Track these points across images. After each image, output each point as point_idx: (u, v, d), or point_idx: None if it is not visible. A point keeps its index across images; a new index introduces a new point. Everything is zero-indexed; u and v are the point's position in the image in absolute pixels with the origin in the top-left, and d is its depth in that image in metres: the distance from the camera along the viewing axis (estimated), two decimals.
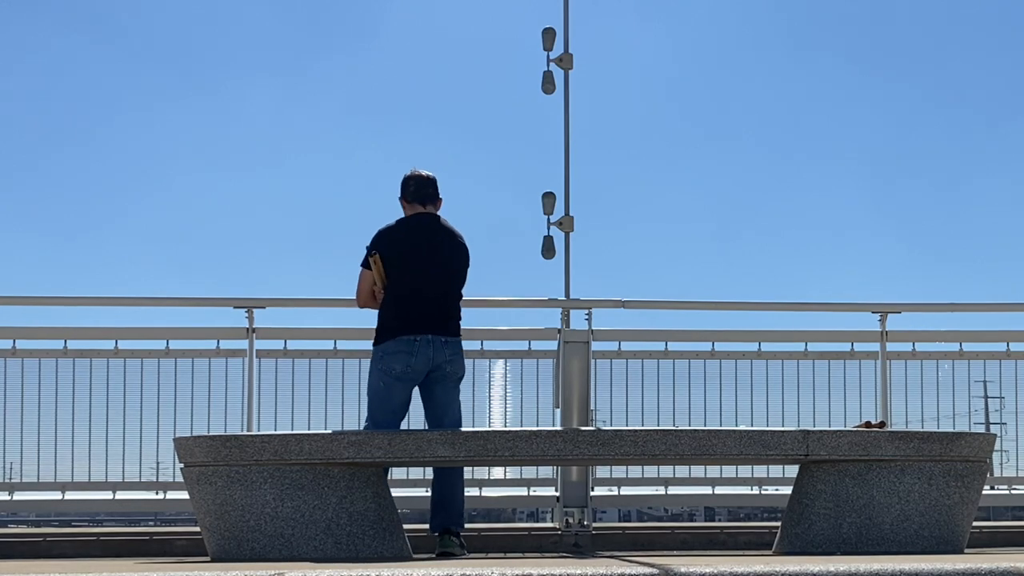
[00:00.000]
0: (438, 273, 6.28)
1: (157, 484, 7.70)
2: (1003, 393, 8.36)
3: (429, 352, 6.19)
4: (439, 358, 6.21)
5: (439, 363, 6.22)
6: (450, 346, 6.26)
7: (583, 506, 7.49)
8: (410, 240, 6.31)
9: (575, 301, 8.01)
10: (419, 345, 6.18)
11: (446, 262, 6.33)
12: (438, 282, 6.28)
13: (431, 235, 6.33)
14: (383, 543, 5.30)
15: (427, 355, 6.18)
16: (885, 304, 8.07)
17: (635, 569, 3.72)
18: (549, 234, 9.48)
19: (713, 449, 5.35)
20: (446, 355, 6.23)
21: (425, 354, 6.18)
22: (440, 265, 6.30)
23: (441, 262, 6.31)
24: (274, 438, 5.28)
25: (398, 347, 6.19)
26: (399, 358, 6.18)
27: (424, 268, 6.25)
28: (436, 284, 6.27)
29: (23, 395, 7.61)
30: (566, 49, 9.51)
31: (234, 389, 7.64)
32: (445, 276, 6.31)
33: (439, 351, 6.21)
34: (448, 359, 6.23)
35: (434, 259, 6.29)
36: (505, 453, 5.29)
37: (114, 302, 8.04)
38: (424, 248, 6.29)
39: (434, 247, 6.30)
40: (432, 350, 6.19)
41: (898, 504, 5.39)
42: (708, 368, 7.96)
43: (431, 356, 6.19)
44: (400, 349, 6.18)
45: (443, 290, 6.30)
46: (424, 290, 6.23)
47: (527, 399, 7.85)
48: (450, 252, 6.35)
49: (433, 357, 6.20)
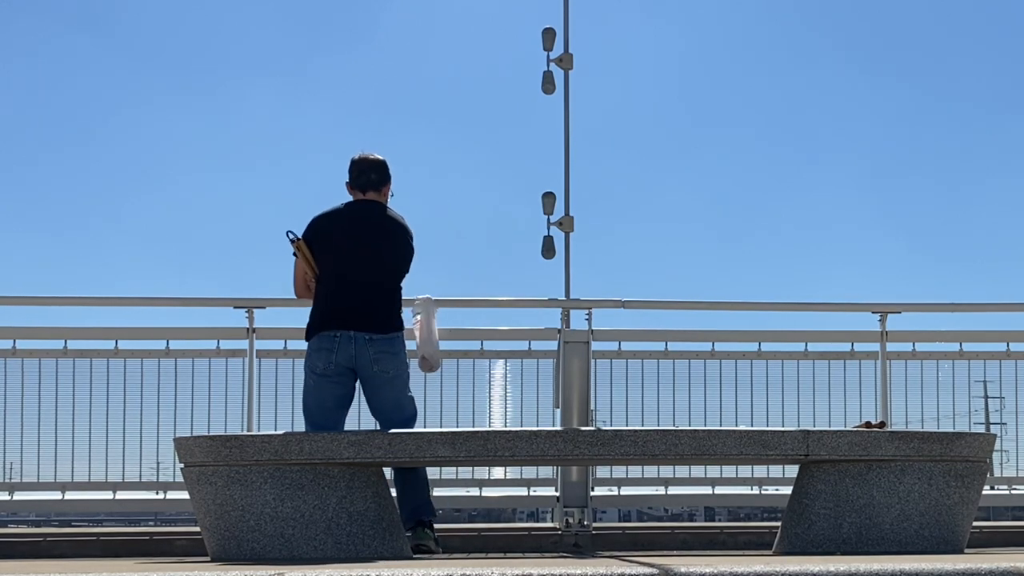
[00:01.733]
0: (367, 265, 6.04)
1: (157, 484, 7.71)
2: (1003, 393, 8.37)
3: (351, 349, 5.97)
4: (362, 357, 5.99)
5: (363, 362, 6.00)
6: (376, 343, 6.01)
7: (583, 506, 7.49)
8: (340, 229, 6.07)
9: (575, 301, 8.00)
10: (340, 342, 5.97)
11: (377, 254, 6.08)
12: (368, 274, 6.03)
13: (364, 225, 6.09)
14: (383, 543, 5.30)
15: (348, 352, 5.97)
16: (885, 304, 8.07)
17: (635, 569, 3.72)
18: (549, 234, 9.51)
19: (713, 449, 5.35)
20: (370, 353, 6.00)
21: (347, 351, 5.97)
22: (370, 257, 6.05)
23: (371, 254, 6.06)
24: (274, 438, 5.27)
25: (320, 344, 6.00)
26: (321, 355, 6.00)
27: (351, 259, 6.02)
28: (366, 276, 6.03)
29: (23, 395, 7.62)
30: (566, 49, 9.53)
31: (234, 389, 7.64)
32: (377, 268, 6.06)
33: (362, 349, 5.98)
34: (373, 357, 6.01)
35: (363, 250, 6.05)
36: (505, 453, 5.28)
37: (114, 302, 8.04)
38: (354, 238, 6.05)
39: (365, 237, 6.07)
40: (354, 347, 5.98)
41: (898, 504, 5.39)
42: (708, 368, 7.96)
43: (353, 354, 5.98)
44: (322, 346, 5.99)
45: (374, 283, 6.05)
46: (353, 282, 6.00)
47: (527, 399, 7.86)
48: (385, 243, 6.10)
49: (356, 355, 5.98)
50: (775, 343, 8.08)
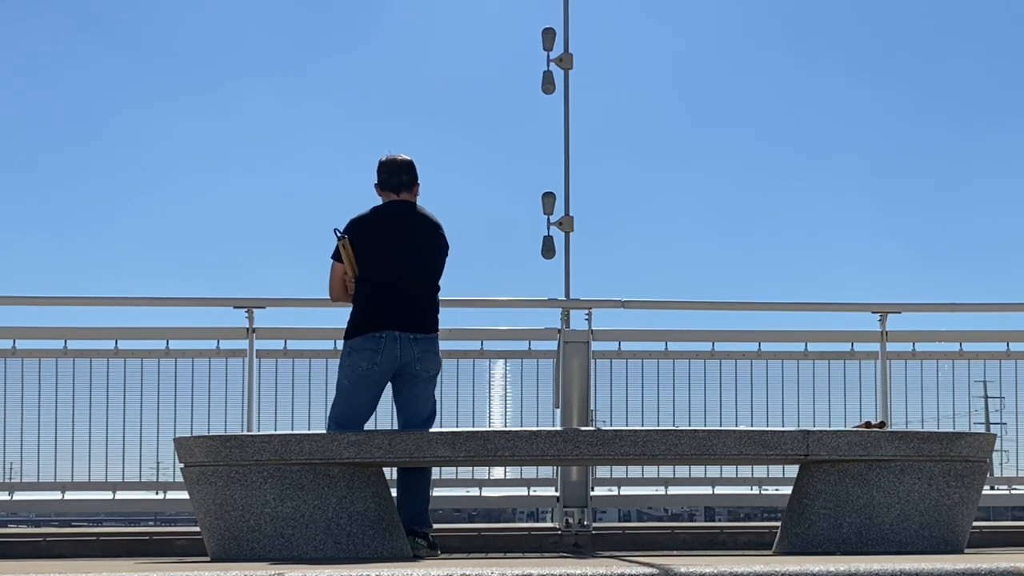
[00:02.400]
0: (410, 265, 6.08)
1: (157, 484, 7.71)
2: (1003, 393, 8.36)
3: (396, 350, 6.00)
4: (407, 356, 6.02)
5: (407, 361, 6.03)
6: (420, 343, 6.05)
7: (583, 506, 7.48)
8: (382, 230, 6.10)
9: (575, 301, 8.00)
10: (386, 342, 5.99)
11: (419, 254, 6.12)
12: (410, 275, 6.08)
13: (404, 225, 6.13)
14: (383, 543, 5.30)
15: (394, 353, 6.00)
16: (885, 304, 8.07)
17: (635, 569, 3.72)
18: (549, 234, 9.47)
19: (713, 449, 5.35)
20: (415, 353, 6.03)
21: (392, 352, 6.00)
22: (413, 257, 6.10)
23: (414, 254, 6.10)
24: (274, 438, 5.28)
25: (365, 344, 6.01)
26: (365, 355, 6.00)
27: (395, 260, 6.06)
28: (408, 277, 6.07)
29: (23, 395, 7.62)
30: (566, 49, 9.51)
31: (234, 389, 7.64)
32: (418, 268, 6.11)
33: (407, 349, 6.02)
34: (417, 356, 6.04)
35: (406, 250, 6.09)
36: (505, 453, 5.28)
37: (114, 302, 8.04)
38: (396, 239, 6.08)
39: (407, 238, 6.10)
40: (399, 347, 6.00)
41: (898, 504, 5.39)
42: (708, 368, 7.96)
43: (398, 354, 6.00)
44: (367, 346, 6.00)
45: (415, 283, 6.10)
46: (395, 283, 6.04)
47: (527, 399, 7.86)
48: (424, 243, 6.15)
49: (400, 355, 6.01)
50: (775, 343, 8.08)
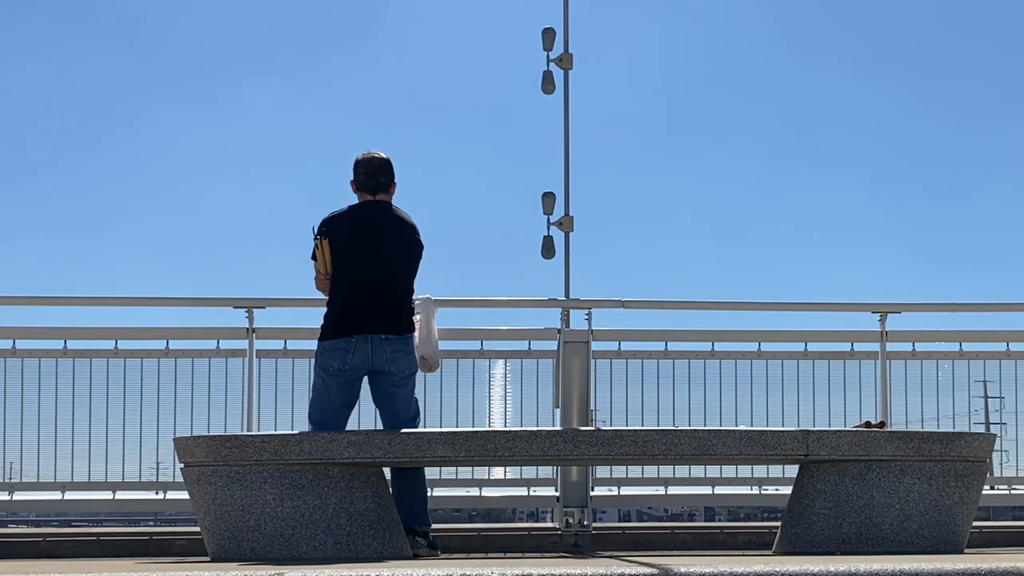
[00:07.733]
0: (382, 267, 6.09)
1: (157, 484, 7.70)
2: (1003, 393, 8.37)
3: (367, 350, 6.03)
4: (379, 357, 6.04)
5: (379, 362, 6.05)
6: (391, 343, 6.06)
7: (583, 506, 7.48)
8: (354, 230, 6.12)
9: (575, 301, 8.00)
10: (357, 343, 6.02)
11: (391, 255, 6.13)
12: (384, 275, 6.09)
13: (379, 226, 6.14)
14: (383, 543, 5.30)
15: (365, 353, 6.03)
16: (885, 304, 8.07)
17: (635, 569, 3.72)
18: (549, 234, 9.48)
19: (713, 449, 5.35)
20: (387, 353, 6.05)
21: (363, 352, 6.02)
22: (384, 258, 6.11)
23: (385, 255, 6.11)
24: (274, 438, 5.27)
25: (336, 344, 6.05)
26: (336, 355, 6.04)
27: (369, 260, 6.07)
28: (382, 277, 6.09)
29: (23, 395, 7.62)
30: (566, 49, 9.52)
31: (234, 389, 7.64)
32: (390, 270, 6.12)
33: (378, 349, 6.04)
34: (389, 357, 6.06)
35: (380, 251, 6.10)
36: (505, 453, 5.28)
37: (114, 302, 8.05)
38: (370, 239, 6.10)
39: (381, 238, 6.12)
40: (370, 348, 6.03)
41: (898, 504, 5.39)
42: (708, 368, 7.96)
43: (369, 355, 6.03)
44: (338, 347, 6.04)
45: (389, 284, 6.11)
46: (368, 283, 6.06)
47: (527, 399, 7.86)
48: (398, 244, 6.16)
49: (372, 356, 6.04)
50: (775, 343, 8.08)
